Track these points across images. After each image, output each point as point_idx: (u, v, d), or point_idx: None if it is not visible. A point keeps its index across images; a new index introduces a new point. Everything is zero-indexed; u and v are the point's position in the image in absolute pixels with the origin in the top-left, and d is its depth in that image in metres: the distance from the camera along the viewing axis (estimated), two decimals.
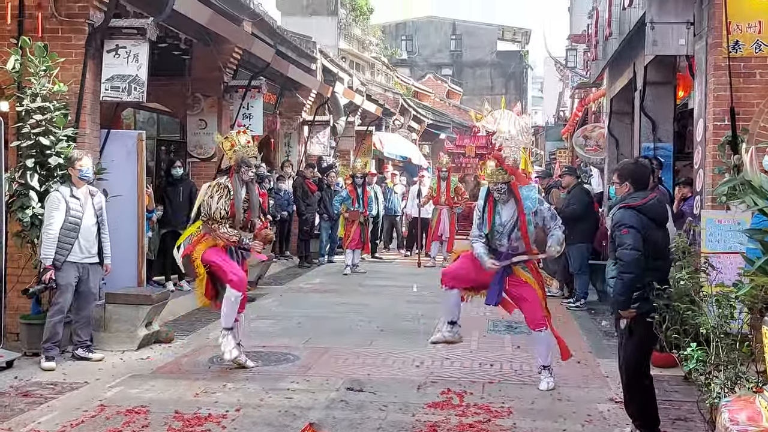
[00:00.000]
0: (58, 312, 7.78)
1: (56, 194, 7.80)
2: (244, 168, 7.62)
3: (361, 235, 15.62)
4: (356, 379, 7.32)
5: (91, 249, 7.96)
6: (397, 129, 29.71)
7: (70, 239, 7.76)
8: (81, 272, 7.88)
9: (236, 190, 7.58)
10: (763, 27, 8.06)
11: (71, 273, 7.81)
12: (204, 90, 12.74)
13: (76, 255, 7.83)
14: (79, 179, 7.88)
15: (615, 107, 14.96)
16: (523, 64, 58.60)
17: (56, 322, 7.76)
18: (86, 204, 7.91)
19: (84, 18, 8.45)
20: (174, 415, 6.14)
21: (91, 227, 7.95)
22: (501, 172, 7.24)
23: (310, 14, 29.96)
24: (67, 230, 7.74)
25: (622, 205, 5.59)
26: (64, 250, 7.73)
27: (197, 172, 12.87)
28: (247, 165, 7.63)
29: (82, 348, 7.99)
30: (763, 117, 8.09)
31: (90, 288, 7.98)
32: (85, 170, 7.88)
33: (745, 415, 3.51)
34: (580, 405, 6.62)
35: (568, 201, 11.84)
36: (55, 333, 7.74)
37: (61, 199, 7.75)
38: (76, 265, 7.84)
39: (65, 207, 7.73)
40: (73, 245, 7.78)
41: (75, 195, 7.84)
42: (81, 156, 7.91)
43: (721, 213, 7.66)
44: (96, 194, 8.11)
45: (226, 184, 7.60)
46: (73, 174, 7.89)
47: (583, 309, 11.50)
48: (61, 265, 7.72)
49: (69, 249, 7.76)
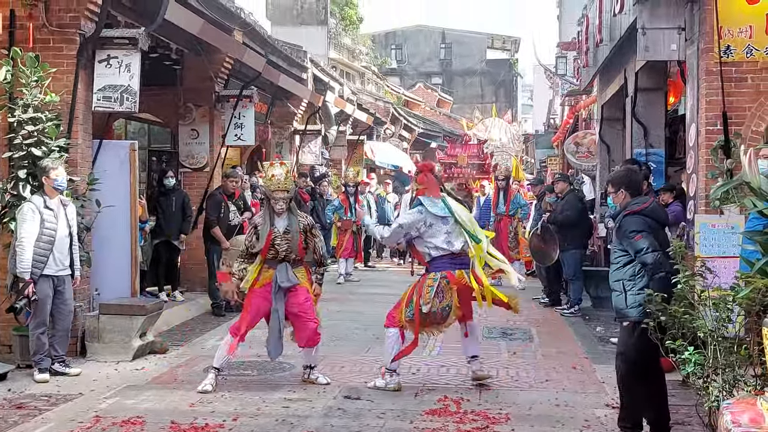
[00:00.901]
0: (40, 325, 7.64)
1: (29, 205, 7.61)
2: (272, 201, 7.43)
3: (354, 244, 15.61)
4: (353, 387, 7.30)
5: (65, 261, 7.79)
6: (388, 138, 29.72)
7: (45, 251, 7.58)
8: (56, 284, 7.73)
9: (265, 221, 7.40)
10: (754, 31, 8.09)
11: (47, 286, 7.64)
12: (195, 100, 12.71)
13: (51, 268, 7.65)
14: (53, 189, 7.71)
15: (606, 114, 15.00)
16: (512, 72, 58.77)
17: (39, 334, 7.63)
18: (59, 215, 7.73)
19: (75, 28, 8.41)
20: (170, 425, 6.11)
21: (65, 238, 7.77)
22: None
23: (300, 24, 29.96)
24: (42, 242, 7.56)
25: (626, 213, 5.64)
26: (40, 263, 7.54)
27: (189, 183, 12.82)
28: (273, 199, 7.40)
29: (59, 363, 7.81)
30: (755, 121, 8.13)
31: (65, 300, 7.82)
32: (60, 180, 7.71)
33: (747, 417, 3.51)
34: (578, 410, 6.62)
35: (562, 207, 11.87)
36: (42, 344, 7.63)
37: (35, 210, 7.57)
38: (51, 278, 7.68)
39: (39, 218, 7.57)
40: (48, 258, 7.61)
41: (48, 206, 7.65)
42: (56, 165, 7.73)
43: (714, 217, 7.69)
44: (68, 205, 7.91)
45: (255, 221, 7.56)
46: (47, 184, 7.69)
47: (578, 315, 11.52)
48: (37, 278, 7.55)
49: (45, 262, 7.58)
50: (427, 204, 7.25)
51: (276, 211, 7.39)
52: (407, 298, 7.26)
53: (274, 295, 7.32)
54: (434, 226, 7.21)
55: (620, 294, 5.60)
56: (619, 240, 5.71)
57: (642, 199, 5.73)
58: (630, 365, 5.59)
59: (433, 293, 7.10)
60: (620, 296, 5.60)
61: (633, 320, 5.52)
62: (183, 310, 11.29)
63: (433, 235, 7.21)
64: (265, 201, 7.67)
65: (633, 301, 5.51)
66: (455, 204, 7.40)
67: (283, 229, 7.39)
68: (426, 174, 7.49)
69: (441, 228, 7.21)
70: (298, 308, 7.38)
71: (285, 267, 7.38)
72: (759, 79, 8.14)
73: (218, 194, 11.53)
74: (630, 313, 5.52)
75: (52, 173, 7.68)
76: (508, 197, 14.63)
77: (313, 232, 7.63)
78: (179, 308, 11.26)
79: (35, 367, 7.64)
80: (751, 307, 4.99)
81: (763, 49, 8.09)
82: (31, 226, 7.52)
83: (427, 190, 7.38)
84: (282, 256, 7.36)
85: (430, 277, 7.21)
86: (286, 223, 7.41)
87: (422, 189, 7.43)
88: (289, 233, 7.38)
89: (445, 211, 7.24)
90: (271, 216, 7.41)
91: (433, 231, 7.21)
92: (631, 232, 5.53)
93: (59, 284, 7.76)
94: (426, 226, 7.22)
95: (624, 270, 5.61)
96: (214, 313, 11.22)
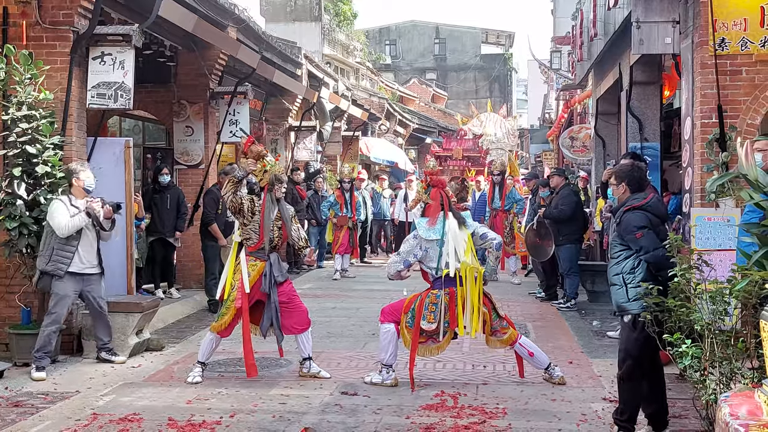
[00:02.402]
0: (53, 322, 7.74)
1: (58, 201, 7.83)
2: (277, 185, 7.48)
3: (350, 240, 15.60)
4: (350, 383, 7.30)
5: (91, 260, 7.98)
6: (383, 134, 29.69)
7: (70, 248, 7.79)
8: (83, 284, 7.91)
9: (268, 209, 7.42)
10: (748, 24, 8.09)
11: (71, 284, 7.82)
12: (190, 97, 12.69)
13: (77, 265, 7.84)
14: (82, 190, 7.93)
15: (601, 108, 15.00)
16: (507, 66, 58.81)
17: (50, 332, 7.72)
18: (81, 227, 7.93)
19: (68, 25, 8.38)
20: (167, 422, 6.10)
21: (91, 237, 7.96)
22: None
23: (294, 20, 29.94)
24: (64, 239, 7.74)
25: (626, 208, 5.63)
26: (66, 258, 7.76)
27: (184, 180, 12.81)
28: (280, 181, 7.50)
29: (105, 351, 8.11)
30: (750, 114, 8.14)
31: (95, 297, 8.01)
32: (89, 182, 7.97)
33: (745, 409, 3.51)
34: (575, 404, 6.63)
35: (557, 202, 11.87)
36: (48, 343, 7.69)
37: (64, 206, 7.79)
38: (76, 276, 7.85)
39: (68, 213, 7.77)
40: (73, 255, 7.80)
41: (75, 205, 7.84)
42: (85, 168, 8.02)
43: (710, 210, 7.70)
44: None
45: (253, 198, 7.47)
46: (76, 185, 7.93)
47: (573, 309, 11.53)
48: (63, 274, 7.74)
49: (70, 258, 7.78)
50: (421, 230, 7.32)
51: (277, 197, 7.49)
52: (408, 305, 7.26)
53: (268, 287, 7.42)
54: (429, 251, 7.27)
55: (620, 287, 5.59)
56: (619, 235, 5.70)
57: (642, 194, 5.73)
58: (633, 361, 5.57)
59: (438, 312, 7.11)
60: (621, 290, 5.59)
61: (634, 314, 5.51)
62: (179, 307, 11.29)
63: (431, 259, 7.26)
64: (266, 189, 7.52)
65: (634, 294, 5.51)
66: (453, 223, 7.34)
67: (275, 216, 7.48)
68: (438, 191, 7.50)
69: (436, 251, 7.24)
70: (287, 296, 7.55)
71: (277, 258, 7.54)
72: (754, 72, 8.14)
73: (216, 191, 11.50)
74: (631, 306, 5.52)
75: (81, 175, 7.94)
76: (504, 192, 14.63)
77: (295, 219, 7.82)
78: (175, 305, 11.25)
79: (33, 363, 7.63)
80: (748, 299, 4.99)
81: (757, 42, 8.10)
82: (64, 216, 7.70)
83: (432, 208, 7.43)
84: (273, 245, 7.46)
85: (432, 293, 7.22)
86: (276, 212, 7.50)
87: (430, 205, 7.48)
88: (280, 221, 7.50)
89: (438, 233, 7.26)
90: (273, 204, 7.47)
91: (430, 255, 7.27)
92: (632, 229, 5.53)
93: (87, 283, 7.95)
94: (422, 250, 7.30)
95: (623, 264, 5.60)
96: (211, 310, 11.20)
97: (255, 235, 7.42)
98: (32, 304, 8.31)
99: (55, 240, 7.76)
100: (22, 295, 8.31)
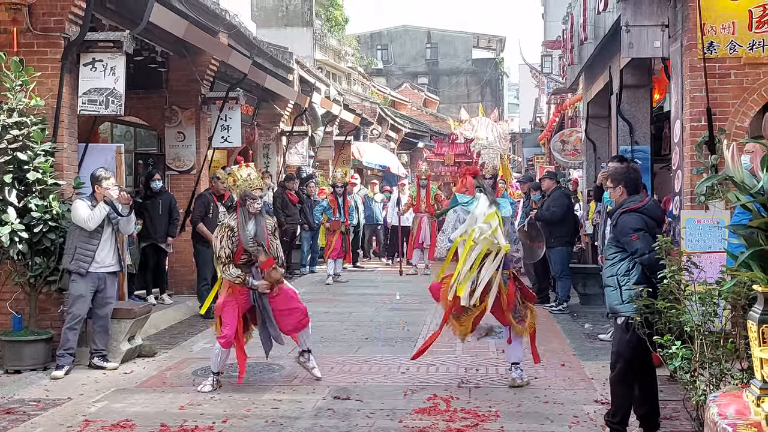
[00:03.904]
0: (71, 320, 8.01)
1: (79, 200, 8.08)
2: (249, 201, 7.47)
3: (343, 245, 15.61)
4: (343, 387, 7.31)
5: (109, 260, 8.22)
6: (375, 138, 29.73)
7: (91, 247, 8.02)
8: (98, 283, 8.12)
9: (242, 225, 7.40)
10: (736, 28, 8.14)
11: (88, 283, 8.05)
12: (181, 102, 12.70)
13: (95, 265, 8.06)
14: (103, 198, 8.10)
15: (592, 111, 15.06)
16: (498, 71, 58.93)
17: (67, 329, 8.01)
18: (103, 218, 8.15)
19: (59, 32, 8.38)
20: (160, 428, 6.10)
21: (109, 239, 8.20)
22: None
23: (285, 25, 29.93)
24: (87, 238, 8.00)
25: (623, 210, 5.66)
26: (87, 257, 8.01)
27: (176, 185, 12.82)
28: (252, 198, 7.47)
29: (98, 357, 8.18)
30: (738, 117, 8.18)
31: (105, 296, 8.21)
32: (111, 192, 8.14)
33: (733, 409, 3.53)
34: (567, 407, 6.65)
35: (548, 204, 11.91)
36: (66, 340, 7.96)
37: (85, 205, 8.01)
38: (93, 275, 8.07)
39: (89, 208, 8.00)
40: (93, 255, 8.03)
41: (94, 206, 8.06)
42: (108, 176, 8.21)
43: (700, 213, 7.72)
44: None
45: (228, 223, 7.46)
46: (98, 191, 8.11)
47: (565, 312, 11.56)
48: (85, 273, 7.99)
49: (91, 257, 8.03)
50: (459, 198, 7.56)
51: (251, 212, 7.45)
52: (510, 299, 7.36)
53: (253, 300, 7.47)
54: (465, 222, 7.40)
55: (615, 289, 5.61)
56: (615, 237, 5.72)
57: (639, 197, 5.76)
58: (626, 363, 5.59)
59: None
60: (614, 291, 5.61)
61: (627, 316, 5.53)
62: (171, 313, 11.27)
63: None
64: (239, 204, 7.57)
65: (628, 296, 5.53)
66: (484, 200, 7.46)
67: (254, 231, 7.44)
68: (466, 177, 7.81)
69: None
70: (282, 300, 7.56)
71: (257, 273, 7.47)
72: (742, 75, 8.19)
73: (207, 195, 11.51)
74: (624, 309, 5.54)
75: (104, 183, 8.13)
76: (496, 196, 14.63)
77: (275, 234, 7.76)
78: (167, 311, 11.24)
79: (56, 362, 7.94)
80: (737, 300, 5.02)
81: (746, 45, 8.15)
82: (85, 210, 7.97)
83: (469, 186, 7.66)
84: (254, 259, 7.44)
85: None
86: (254, 225, 7.47)
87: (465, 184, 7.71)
88: (258, 236, 7.44)
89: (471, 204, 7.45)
90: (246, 219, 7.44)
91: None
92: (628, 231, 5.55)
93: (101, 283, 8.16)
94: (460, 222, 7.45)
95: (618, 266, 5.63)
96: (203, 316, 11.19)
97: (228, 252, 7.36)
98: (23, 311, 8.30)
99: (78, 238, 8.00)
100: (13, 302, 8.31)
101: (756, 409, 3.46)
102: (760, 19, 8.13)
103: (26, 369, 7.97)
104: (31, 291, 8.29)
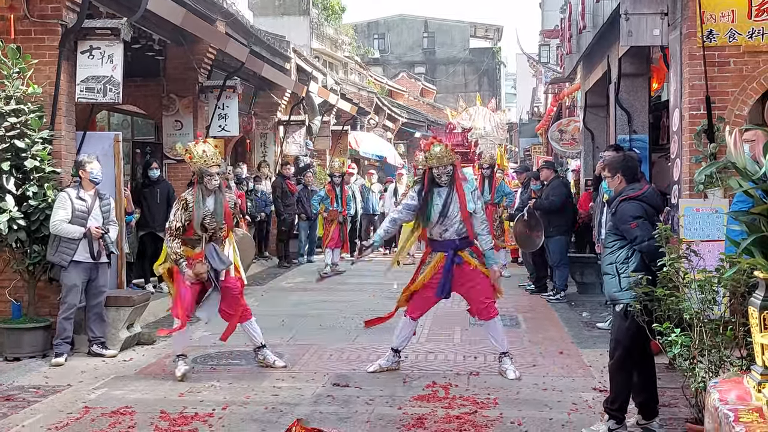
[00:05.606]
0: (66, 310, 8.02)
1: (63, 194, 8.03)
2: (206, 178, 7.37)
3: (341, 235, 15.60)
4: (342, 375, 7.33)
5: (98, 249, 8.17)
6: (372, 128, 29.71)
7: (75, 239, 7.96)
8: (90, 273, 8.11)
9: (197, 202, 7.34)
10: (736, 16, 8.13)
11: (79, 273, 8.04)
12: (179, 91, 12.68)
13: (82, 255, 8.04)
14: (89, 181, 8.13)
15: (590, 100, 15.03)
16: (495, 60, 58.86)
17: (62, 318, 8.02)
18: (93, 206, 8.15)
19: (57, 19, 8.35)
20: (160, 415, 6.11)
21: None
22: (449, 153, 7.44)
23: (282, 14, 29.85)
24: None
25: (622, 198, 5.66)
26: (70, 249, 7.96)
27: (174, 174, 12.80)
28: (209, 174, 7.36)
29: (97, 344, 8.19)
30: (738, 105, 8.18)
31: (97, 285, 8.22)
32: (95, 173, 8.17)
33: (734, 394, 3.54)
34: (565, 394, 6.67)
35: (547, 194, 11.91)
36: (63, 329, 7.99)
37: (68, 199, 7.97)
38: (82, 265, 8.04)
39: (71, 207, 7.95)
40: (78, 245, 7.98)
41: (81, 197, 8.07)
42: (91, 159, 8.19)
43: (698, 201, 7.73)
44: (104, 197, 8.34)
45: (185, 197, 7.42)
46: (84, 177, 8.13)
47: (563, 301, 11.57)
48: (67, 265, 7.96)
49: (74, 249, 7.97)
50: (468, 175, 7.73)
51: (209, 189, 7.39)
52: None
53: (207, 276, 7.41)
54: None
55: (613, 277, 5.61)
56: (614, 225, 5.72)
57: (638, 185, 5.75)
58: (624, 350, 5.60)
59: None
60: (613, 279, 5.61)
61: (625, 303, 5.53)
62: (169, 301, 11.23)
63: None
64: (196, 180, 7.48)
65: (626, 284, 5.53)
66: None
67: (212, 207, 7.41)
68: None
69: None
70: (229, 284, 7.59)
71: (213, 248, 7.43)
72: (741, 63, 8.19)
73: None
74: (623, 296, 5.54)
75: (87, 167, 8.13)
76: (493, 185, 14.65)
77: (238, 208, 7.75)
78: (166, 299, 11.19)
79: (54, 350, 7.97)
80: (736, 288, 5.04)
81: (745, 33, 8.14)
82: (63, 213, 7.93)
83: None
84: (209, 235, 7.40)
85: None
86: (213, 202, 7.43)
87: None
88: (216, 212, 7.41)
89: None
90: (204, 195, 7.39)
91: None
92: (627, 218, 5.55)
93: (92, 272, 8.16)
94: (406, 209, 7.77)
95: (617, 254, 5.63)
96: None
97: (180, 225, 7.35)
98: (22, 298, 8.30)
99: None
100: (12, 289, 8.31)
101: (757, 395, 3.47)
102: (759, 7, 8.12)
103: (25, 356, 7.98)
104: (30, 279, 8.29)
